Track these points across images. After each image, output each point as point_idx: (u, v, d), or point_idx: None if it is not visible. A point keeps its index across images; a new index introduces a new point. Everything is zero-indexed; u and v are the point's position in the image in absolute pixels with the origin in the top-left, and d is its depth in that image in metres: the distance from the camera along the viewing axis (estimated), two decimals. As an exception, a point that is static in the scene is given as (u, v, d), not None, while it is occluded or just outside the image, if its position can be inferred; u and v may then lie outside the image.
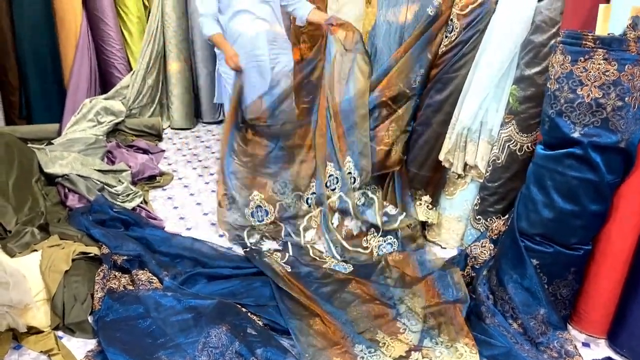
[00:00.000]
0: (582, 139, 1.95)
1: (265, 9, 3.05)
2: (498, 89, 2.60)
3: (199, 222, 3.15)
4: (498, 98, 2.61)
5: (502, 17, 2.53)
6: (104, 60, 4.48)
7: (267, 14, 3.07)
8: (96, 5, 4.32)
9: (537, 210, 2.13)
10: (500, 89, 2.60)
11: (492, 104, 2.63)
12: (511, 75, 2.55)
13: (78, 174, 3.20)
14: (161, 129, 4.52)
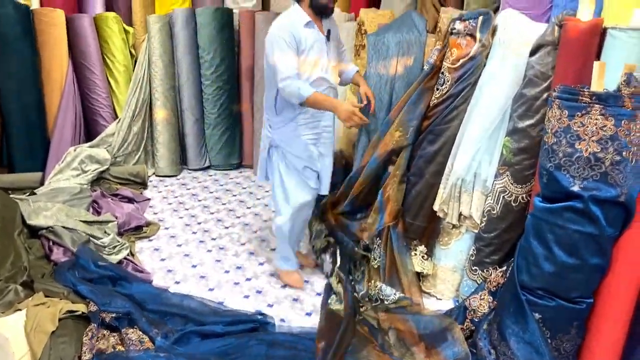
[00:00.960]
0: (582, 192, 1.96)
1: (334, 75, 2.82)
2: (491, 141, 2.63)
3: (188, 275, 3.07)
4: (491, 150, 2.64)
5: (494, 71, 2.58)
6: (90, 108, 4.44)
7: (334, 81, 2.81)
8: (83, 54, 4.31)
9: (538, 264, 2.12)
10: (493, 141, 2.63)
11: (485, 156, 2.65)
12: (503, 128, 2.58)
13: (63, 225, 3.11)
14: (146, 177, 4.46)
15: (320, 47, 2.64)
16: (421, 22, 3.12)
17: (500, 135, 2.61)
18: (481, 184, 2.67)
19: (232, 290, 2.93)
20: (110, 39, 4.42)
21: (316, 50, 2.62)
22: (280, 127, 2.74)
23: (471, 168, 2.67)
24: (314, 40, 2.61)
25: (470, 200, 2.71)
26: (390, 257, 2.89)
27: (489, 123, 2.60)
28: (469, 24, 2.76)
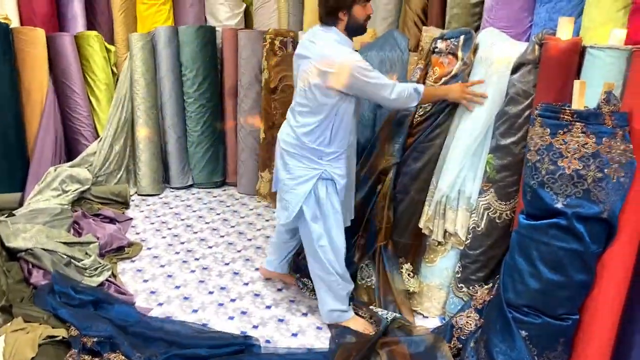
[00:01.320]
0: (566, 209, 1.97)
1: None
2: (475, 158, 2.64)
3: (171, 297, 3.02)
4: (475, 167, 2.65)
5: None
6: (71, 127, 4.39)
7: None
8: (64, 73, 4.27)
9: (524, 281, 2.12)
10: (477, 158, 2.64)
11: (469, 173, 2.66)
12: (487, 145, 2.60)
13: (43, 247, 3.04)
14: (128, 196, 4.40)
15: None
16: (403, 40, 3.15)
17: (484, 152, 2.62)
18: (465, 200, 2.68)
19: (216, 311, 2.89)
20: (92, 58, 4.39)
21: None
22: (336, 156, 2.57)
23: (455, 185, 2.68)
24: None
25: (455, 218, 2.72)
26: (382, 276, 2.89)
27: (472, 140, 2.62)
28: (450, 42, 2.80)
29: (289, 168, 2.58)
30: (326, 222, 2.58)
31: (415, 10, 3.37)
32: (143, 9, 4.73)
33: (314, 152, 2.53)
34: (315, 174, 2.53)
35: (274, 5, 4.69)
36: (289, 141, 2.58)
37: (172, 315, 2.83)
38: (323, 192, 2.55)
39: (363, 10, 2.43)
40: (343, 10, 2.40)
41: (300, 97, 2.53)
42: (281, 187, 2.64)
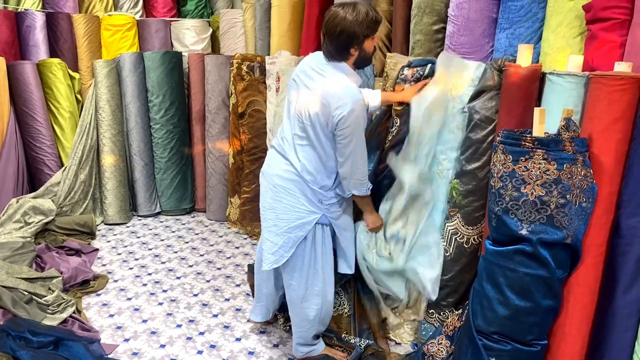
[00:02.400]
0: (531, 236, 1.98)
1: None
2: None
3: (138, 332, 2.93)
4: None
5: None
6: (34, 157, 4.28)
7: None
8: (25, 102, 4.17)
9: (492, 308, 2.12)
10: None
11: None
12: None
13: (3, 285, 2.93)
14: (94, 226, 4.29)
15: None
16: (369, 66, 3.16)
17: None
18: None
19: (184, 345, 2.81)
20: (55, 85, 4.31)
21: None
22: (337, 201, 2.48)
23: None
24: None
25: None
26: (358, 305, 2.87)
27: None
28: (416, 71, 2.82)
29: (285, 208, 2.42)
30: (315, 274, 2.49)
31: (380, 37, 3.40)
32: (107, 35, 4.69)
33: (314, 194, 2.42)
34: (313, 218, 2.41)
35: (240, 30, 4.69)
36: (288, 177, 2.42)
37: (139, 352, 2.74)
38: (319, 238, 2.46)
39: (372, 43, 2.34)
40: (354, 46, 2.29)
41: (299, 129, 2.39)
42: (270, 228, 2.49)
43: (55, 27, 4.46)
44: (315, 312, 2.52)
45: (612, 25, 2.16)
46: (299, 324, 2.58)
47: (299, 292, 2.50)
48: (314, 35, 3.90)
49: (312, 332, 2.58)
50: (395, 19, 3.24)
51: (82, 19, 4.55)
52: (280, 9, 4.09)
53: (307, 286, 2.49)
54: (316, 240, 2.45)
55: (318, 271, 2.48)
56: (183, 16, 5.21)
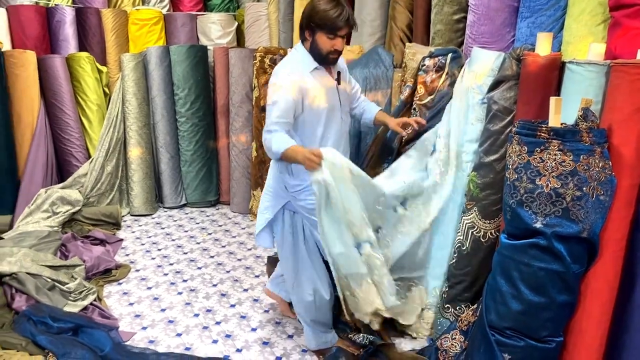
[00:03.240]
0: (545, 229, 1.92)
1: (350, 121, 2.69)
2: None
3: (156, 320, 2.97)
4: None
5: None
6: (62, 148, 4.38)
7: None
8: (55, 95, 4.28)
9: (506, 303, 2.06)
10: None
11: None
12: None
13: (27, 271, 3.02)
14: (119, 218, 4.38)
15: (331, 93, 2.39)
16: (387, 57, 3.13)
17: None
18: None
19: (200, 335, 2.84)
20: (83, 79, 4.40)
21: (329, 95, 2.38)
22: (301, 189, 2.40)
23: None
24: (324, 86, 2.37)
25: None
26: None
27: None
28: (438, 60, 2.78)
29: (265, 189, 2.59)
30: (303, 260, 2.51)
31: (401, 27, 3.36)
32: (135, 29, 4.76)
33: (279, 180, 2.45)
34: (278, 202, 2.48)
35: (264, 23, 4.70)
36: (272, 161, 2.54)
37: (155, 340, 2.78)
38: (297, 225, 2.47)
39: (328, 42, 2.28)
40: (307, 30, 2.32)
41: None
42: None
43: (85, 22, 4.56)
44: (310, 297, 2.52)
45: (636, 11, 2.08)
46: (298, 311, 2.64)
47: (290, 277, 2.58)
48: (336, 27, 3.87)
49: (310, 318, 2.59)
50: (415, 9, 3.19)
51: (110, 14, 4.63)
52: (304, 2, 4.06)
53: (296, 271, 2.53)
54: (293, 227, 2.48)
55: (304, 257, 2.50)
56: (209, 10, 5.25)
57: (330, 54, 2.31)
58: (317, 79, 2.36)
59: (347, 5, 2.28)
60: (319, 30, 2.27)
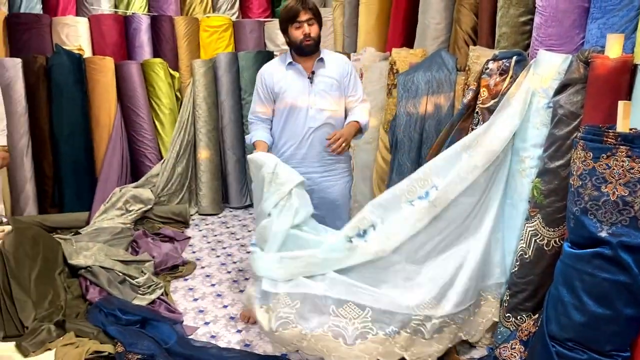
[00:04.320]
0: (611, 238, 1.84)
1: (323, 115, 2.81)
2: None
3: (218, 316, 3.08)
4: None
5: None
6: (136, 149, 4.62)
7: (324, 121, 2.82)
8: (130, 99, 4.52)
9: (567, 313, 2.00)
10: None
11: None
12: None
13: (101, 265, 3.20)
14: (188, 216, 4.56)
15: (301, 88, 2.68)
16: (450, 60, 3.10)
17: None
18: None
19: (259, 332, 2.91)
20: (156, 84, 4.62)
21: (296, 90, 2.67)
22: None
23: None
24: (294, 81, 2.68)
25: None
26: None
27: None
28: (502, 63, 2.72)
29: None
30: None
31: (466, 30, 3.31)
32: (205, 36, 4.95)
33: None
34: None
35: (329, 28, 4.76)
36: None
37: (216, 335, 2.88)
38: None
39: (297, 31, 2.60)
40: (283, 33, 2.70)
41: None
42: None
43: (159, 29, 4.79)
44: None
45: None
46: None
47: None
48: (400, 30, 3.87)
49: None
50: (481, 11, 3.14)
51: (183, 21, 4.84)
52: (368, 6, 4.10)
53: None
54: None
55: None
56: (277, 16, 5.37)
57: (302, 42, 2.61)
58: (290, 74, 2.69)
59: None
60: (287, 25, 2.63)
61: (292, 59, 2.69)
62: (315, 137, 2.70)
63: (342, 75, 2.74)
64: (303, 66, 2.68)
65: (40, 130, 4.20)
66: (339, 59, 2.80)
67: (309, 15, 2.60)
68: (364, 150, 3.72)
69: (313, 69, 2.69)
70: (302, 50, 2.64)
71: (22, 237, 3.03)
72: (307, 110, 2.67)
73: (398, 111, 3.18)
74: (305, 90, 2.67)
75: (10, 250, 2.86)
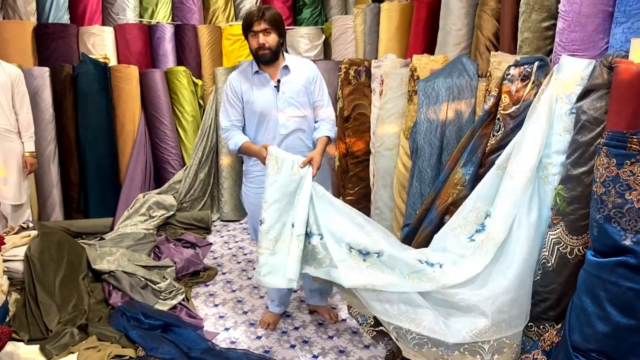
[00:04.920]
0: (635, 247, 1.80)
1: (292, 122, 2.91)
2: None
3: (238, 322, 3.09)
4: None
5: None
6: (159, 156, 4.69)
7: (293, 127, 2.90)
8: (154, 106, 4.59)
9: (591, 323, 1.95)
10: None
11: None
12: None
13: (124, 270, 3.25)
14: (210, 222, 4.60)
15: (268, 97, 2.72)
16: (472, 66, 3.07)
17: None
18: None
19: (279, 339, 2.92)
20: (180, 91, 4.68)
21: (263, 100, 2.72)
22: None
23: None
24: (260, 90, 2.72)
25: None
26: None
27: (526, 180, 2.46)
28: (524, 69, 2.69)
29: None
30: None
31: (487, 36, 3.28)
32: (228, 44, 5.00)
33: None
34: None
35: (351, 35, 4.77)
36: None
37: (236, 341, 2.90)
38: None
39: (253, 40, 2.65)
40: (246, 40, 2.73)
41: None
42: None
43: (182, 38, 4.86)
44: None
45: None
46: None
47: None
48: (421, 37, 3.86)
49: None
50: (502, 16, 3.11)
51: (206, 30, 4.91)
52: (389, 13, 4.10)
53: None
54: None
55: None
56: (299, 24, 5.41)
57: (257, 50, 2.66)
58: (256, 83, 2.74)
59: (269, 8, 2.69)
60: (246, 32, 2.69)
61: (258, 68, 2.73)
62: (287, 143, 2.77)
63: (308, 81, 2.80)
64: (269, 74, 2.73)
65: (67, 137, 4.30)
66: (304, 65, 2.84)
67: (264, 26, 2.62)
68: (385, 156, 3.70)
69: (279, 77, 2.74)
70: (259, 59, 2.70)
71: (47, 241, 3.09)
72: (276, 119, 2.74)
73: (418, 118, 3.16)
74: (273, 99, 2.73)
75: (36, 255, 2.92)
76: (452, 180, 2.89)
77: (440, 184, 2.95)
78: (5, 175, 3.67)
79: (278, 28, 2.70)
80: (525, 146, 2.46)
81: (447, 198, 2.89)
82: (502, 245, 2.42)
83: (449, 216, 2.88)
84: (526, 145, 2.45)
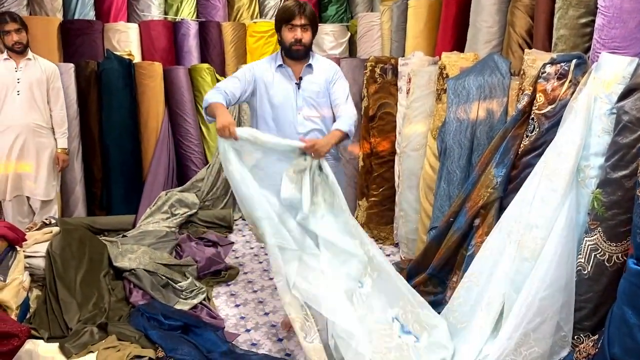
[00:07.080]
0: (683, 256, 1.69)
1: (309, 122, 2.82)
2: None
3: (259, 323, 3.03)
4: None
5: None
6: (182, 154, 4.66)
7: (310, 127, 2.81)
8: (177, 103, 4.56)
9: (633, 336, 1.84)
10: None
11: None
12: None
13: (145, 268, 3.21)
14: (232, 221, 4.55)
15: (286, 92, 2.66)
16: (504, 64, 2.97)
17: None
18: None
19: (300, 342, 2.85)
20: (203, 89, 4.65)
21: (282, 94, 2.66)
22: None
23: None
24: (281, 84, 2.66)
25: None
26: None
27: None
28: (560, 67, 2.58)
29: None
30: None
31: (520, 33, 3.17)
32: (252, 41, 4.96)
33: None
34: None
35: (377, 32, 4.69)
36: None
37: (257, 343, 2.84)
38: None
39: (289, 34, 2.58)
40: (277, 31, 2.68)
41: None
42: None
43: (206, 35, 4.83)
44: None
45: None
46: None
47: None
48: (450, 34, 3.76)
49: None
50: (537, 13, 3.00)
51: (230, 27, 4.87)
52: (417, 10, 4.01)
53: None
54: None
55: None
56: (324, 21, 5.34)
57: (292, 45, 2.59)
58: (278, 77, 2.67)
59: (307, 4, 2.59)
60: (281, 24, 2.60)
61: (282, 61, 2.68)
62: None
63: (327, 81, 2.73)
64: (292, 70, 2.68)
65: (91, 133, 4.29)
66: (326, 65, 2.78)
67: (304, 21, 2.57)
68: (411, 157, 3.61)
69: (301, 75, 2.68)
70: (290, 54, 2.64)
71: (69, 238, 3.07)
72: (294, 117, 2.67)
73: (448, 117, 3.07)
74: (292, 95, 2.67)
75: (57, 252, 2.90)
76: (483, 182, 2.80)
77: (470, 186, 2.86)
78: (35, 172, 3.68)
79: (315, 26, 2.67)
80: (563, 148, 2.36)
81: (477, 201, 2.79)
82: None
83: (478, 219, 2.79)
84: (565, 147, 2.35)
